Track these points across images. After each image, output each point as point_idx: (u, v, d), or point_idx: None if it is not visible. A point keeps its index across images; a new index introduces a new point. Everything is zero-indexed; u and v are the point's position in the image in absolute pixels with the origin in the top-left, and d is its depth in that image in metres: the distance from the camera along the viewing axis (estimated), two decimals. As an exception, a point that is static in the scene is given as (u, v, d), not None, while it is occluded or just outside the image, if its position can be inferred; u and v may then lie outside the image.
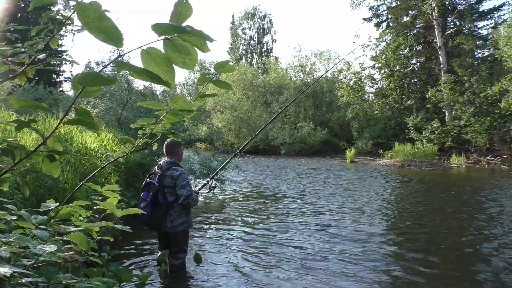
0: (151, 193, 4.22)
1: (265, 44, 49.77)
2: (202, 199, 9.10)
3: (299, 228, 6.68)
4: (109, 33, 0.85)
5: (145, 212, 2.35)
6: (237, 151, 6.03)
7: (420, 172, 15.00)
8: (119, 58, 0.89)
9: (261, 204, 9.08)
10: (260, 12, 48.99)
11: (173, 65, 0.96)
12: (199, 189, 5.05)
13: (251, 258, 5.14)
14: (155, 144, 2.11)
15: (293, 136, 25.50)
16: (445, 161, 17.41)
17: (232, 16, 55.55)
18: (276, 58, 43.37)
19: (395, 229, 6.76)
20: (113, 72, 13.48)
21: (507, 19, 19.91)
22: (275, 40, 50.78)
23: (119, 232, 5.60)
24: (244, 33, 50.13)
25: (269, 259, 5.09)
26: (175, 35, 0.89)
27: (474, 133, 18.09)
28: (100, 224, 1.59)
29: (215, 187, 5.45)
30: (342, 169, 16.59)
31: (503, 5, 21.60)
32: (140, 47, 0.89)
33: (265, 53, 49.17)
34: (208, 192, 5.44)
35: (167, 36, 0.89)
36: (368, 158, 20.69)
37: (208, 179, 5.45)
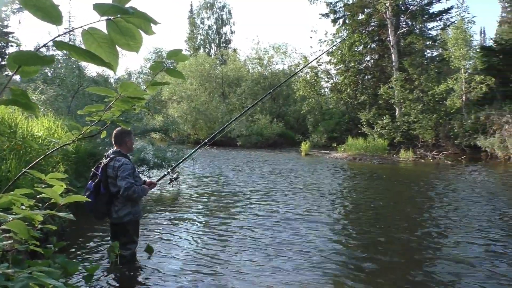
0: (93, 183, 4.14)
1: (223, 35, 49.34)
2: (156, 190, 8.94)
3: (253, 220, 6.75)
4: (47, 11, 0.81)
5: (89, 200, 2.28)
6: (205, 140, 5.73)
7: (370, 166, 15.56)
8: (58, 38, 0.86)
9: (215, 195, 9.07)
10: (219, 2, 48.45)
11: (117, 47, 0.94)
12: (158, 180, 4.93)
13: (204, 250, 5.14)
14: (104, 132, 2.05)
15: (250, 128, 25.57)
16: (394, 156, 18.14)
17: (191, 5, 54.49)
18: (235, 50, 43.14)
19: (343, 217, 6.98)
20: (64, 57, 12.90)
21: (455, 21, 20.95)
22: (234, 32, 50.52)
23: (67, 223, 5.41)
24: (203, 23, 49.44)
25: (222, 251, 5.11)
26: (118, 16, 0.87)
27: (422, 129, 18.97)
28: (42, 212, 1.53)
29: (176, 178, 5.23)
30: (296, 162, 16.88)
31: (451, 8, 22.75)
32: (80, 27, 0.86)
33: (224, 44, 48.76)
34: (169, 183, 5.21)
35: (109, 17, 0.87)
36: (322, 151, 21.15)
37: (169, 170, 5.28)
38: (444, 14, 23.35)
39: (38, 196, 1.87)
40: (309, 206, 7.84)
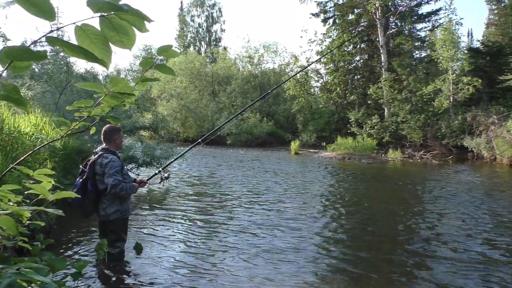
0: (81, 180, 4.11)
1: (214, 33, 49.22)
2: (145, 188, 8.89)
3: (242, 218, 6.77)
4: (40, 6, 0.81)
5: (78, 196, 2.27)
6: (199, 140, 5.62)
7: (359, 165, 15.68)
8: (52, 33, 0.86)
9: (204, 194, 9.07)
10: (210, 0, 48.31)
11: (110, 44, 0.94)
12: (148, 179, 4.89)
13: (193, 248, 5.14)
14: (93, 128, 2.04)
15: (240, 127, 25.55)
16: (382, 155, 18.29)
17: (181, 2, 54.47)
18: (225, 48, 43.07)
19: (332, 218, 7.03)
20: (52, 53, 12.74)
21: (443, 23, 21.18)
22: (224, 30, 50.41)
23: (54, 220, 5.37)
24: (193, 21, 49.25)
25: (211, 250, 5.12)
26: (112, 13, 0.87)
27: (410, 129, 19.16)
28: (30, 208, 1.52)
29: (167, 178, 5.09)
30: (286, 161, 16.94)
31: (440, 9, 22.93)
32: (74, 23, 0.86)
33: (214, 42, 48.63)
34: (160, 182, 5.07)
35: (103, 14, 0.87)
36: (312, 150, 21.24)
37: (160, 169, 5.17)
38: (432, 16, 23.56)
39: (25, 193, 1.85)
40: (298, 204, 7.88)
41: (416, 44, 23.75)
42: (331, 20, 26.41)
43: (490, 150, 15.81)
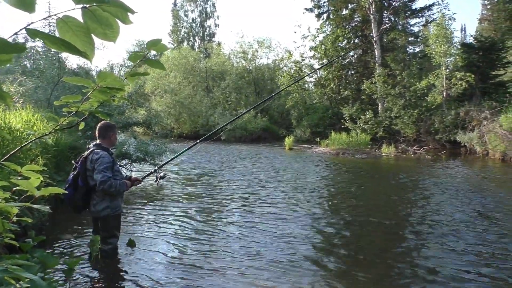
0: (72, 175, 4.10)
1: (207, 28, 48.96)
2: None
3: (236, 213, 6.77)
4: (19, -3, 0.79)
5: (66, 192, 2.24)
6: (197, 141, 5.55)
7: (353, 160, 15.72)
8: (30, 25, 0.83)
9: (198, 189, 9.06)
10: (204, -5, 48.02)
11: (94, 36, 0.92)
12: (144, 178, 4.84)
13: (187, 244, 5.13)
14: (81, 124, 2.01)
15: (234, 122, 25.48)
16: (376, 150, 18.36)
17: (175, -3, 53.83)
18: (219, 43, 42.89)
19: (325, 213, 7.05)
20: (44, 49, 12.64)
21: (436, 18, 21.23)
22: (218, 25, 50.26)
23: (46, 217, 5.33)
24: (186, 16, 48.95)
25: (205, 246, 5.11)
26: (94, 4, 0.85)
27: (403, 124, 19.23)
28: (17, 204, 1.50)
29: (163, 177, 4.98)
30: (280, 156, 16.94)
31: (433, 4, 22.96)
32: (55, 15, 0.84)
33: (208, 38, 48.40)
34: (155, 182, 4.95)
35: (85, 5, 0.85)
36: (306, 145, 21.27)
37: (156, 168, 5.06)
38: (426, 11, 23.60)
39: (14, 189, 1.83)
40: (291, 200, 7.89)
41: (410, 39, 23.80)
42: (325, 15, 26.38)
43: (482, 145, 15.92)
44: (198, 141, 5.64)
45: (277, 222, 6.19)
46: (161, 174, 4.98)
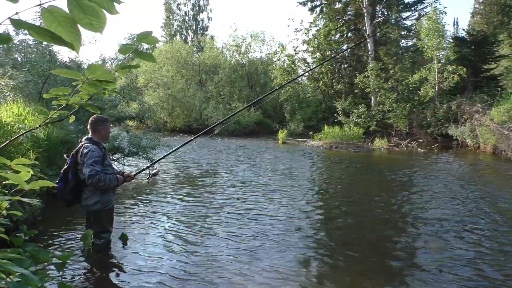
0: (63, 169, 4.10)
1: (200, 22, 48.70)
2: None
3: (229, 208, 6.77)
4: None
5: (55, 185, 2.24)
6: (192, 138, 5.49)
7: (346, 154, 15.78)
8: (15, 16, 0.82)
9: (191, 183, 9.05)
10: (196, -13, 47.66)
11: (80, 27, 0.91)
12: (136, 174, 4.82)
13: (179, 239, 5.13)
14: (72, 117, 2.00)
15: (227, 116, 25.40)
16: (369, 144, 18.44)
17: (167, -10, 53.35)
18: (212, 37, 42.65)
19: (318, 207, 7.09)
20: (35, 42, 12.49)
21: (429, 11, 21.26)
22: (211, 18, 49.96)
23: (38, 211, 5.30)
24: (179, 9, 48.62)
25: (197, 240, 5.12)
26: (80, -7, 0.84)
27: (396, 118, 19.31)
28: (6, 198, 1.49)
29: (155, 174, 4.98)
30: (274, 150, 16.95)
31: (425, -2, 23.00)
32: (39, 5, 0.83)
33: (201, 31, 48.13)
34: (147, 179, 4.96)
35: (71, -5, 0.84)
36: (299, 139, 21.29)
37: (149, 165, 5.05)
38: (418, 4, 23.64)
39: (4, 183, 1.82)
40: (285, 194, 7.92)
41: (403, 33, 23.84)
42: (318, 9, 26.30)
43: (474, 138, 16.03)
44: (193, 137, 5.55)
45: (270, 218, 6.21)
46: (154, 171, 4.99)
